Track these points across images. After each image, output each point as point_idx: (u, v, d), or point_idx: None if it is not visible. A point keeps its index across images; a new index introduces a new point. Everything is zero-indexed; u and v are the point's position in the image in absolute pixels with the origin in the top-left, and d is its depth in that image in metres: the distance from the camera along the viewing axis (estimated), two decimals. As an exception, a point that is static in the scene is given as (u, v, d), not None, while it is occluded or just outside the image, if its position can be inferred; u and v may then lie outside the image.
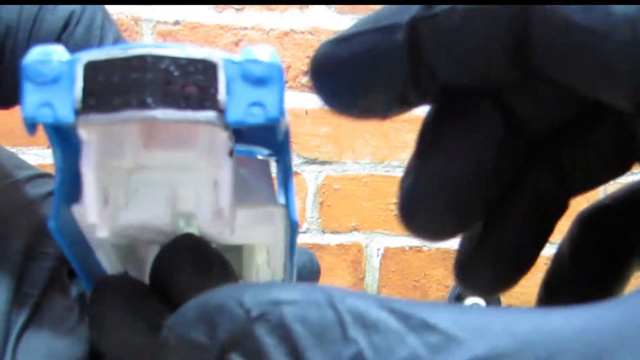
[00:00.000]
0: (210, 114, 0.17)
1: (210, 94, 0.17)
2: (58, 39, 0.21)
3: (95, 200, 0.18)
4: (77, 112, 0.17)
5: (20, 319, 0.22)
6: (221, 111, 0.17)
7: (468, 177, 0.20)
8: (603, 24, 0.16)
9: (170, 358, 0.15)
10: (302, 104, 0.85)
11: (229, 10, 0.82)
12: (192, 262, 0.20)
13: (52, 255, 0.24)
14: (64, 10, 0.21)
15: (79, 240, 0.21)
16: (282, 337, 0.13)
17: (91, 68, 0.17)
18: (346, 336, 0.13)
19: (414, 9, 0.19)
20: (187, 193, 0.21)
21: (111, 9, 0.80)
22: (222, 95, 0.17)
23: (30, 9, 0.20)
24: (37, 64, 0.17)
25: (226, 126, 0.18)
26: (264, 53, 0.18)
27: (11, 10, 0.20)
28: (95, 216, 0.18)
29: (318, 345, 0.13)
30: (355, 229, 0.86)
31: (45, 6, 0.21)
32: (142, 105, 0.17)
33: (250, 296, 0.14)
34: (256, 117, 0.18)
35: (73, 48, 0.20)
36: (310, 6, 0.84)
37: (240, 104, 0.18)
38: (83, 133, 0.17)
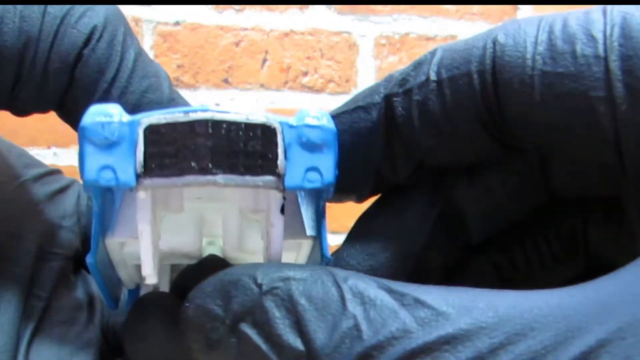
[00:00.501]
0: (269, 179, 0.17)
1: (270, 159, 0.18)
2: (79, 53, 0.21)
3: (151, 254, 0.18)
4: (139, 176, 0.17)
5: (30, 325, 0.22)
6: (280, 176, 0.18)
7: (389, 268, 0.21)
8: (572, 67, 0.17)
9: (188, 327, 0.16)
10: (302, 104, 0.86)
11: (229, 11, 0.82)
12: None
13: (62, 255, 0.23)
14: (86, 25, 0.21)
15: (103, 262, 0.21)
16: (288, 310, 0.14)
17: (152, 132, 0.17)
18: (345, 310, 0.14)
19: (389, 87, 0.20)
20: (214, 218, 0.21)
21: (111, 9, 0.80)
22: (281, 160, 0.18)
23: (52, 22, 0.20)
24: (97, 126, 0.17)
25: (283, 189, 0.18)
26: (320, 117, 0.18)
27: (32, 23, 0.20)
28: (151, 268, 0.18)
29: (320, 318, 0.14)
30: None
31: (67, 19, 0.20)
32: (203, 170, 0.17)
33: (262, 273, 0.15)
34: (313, 182, 0.18)
35: (95, 64, 0.21)
36: (310, 6, 0.84)
37: (298, 169, 0.18)
38: (141, 194, 0.17)
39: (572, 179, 0.20)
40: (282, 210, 0.18)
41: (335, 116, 0.21)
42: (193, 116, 0.17)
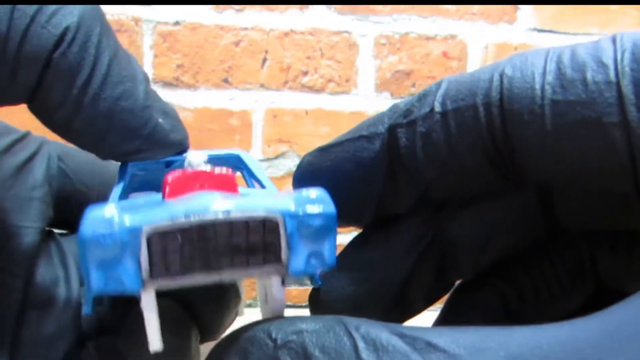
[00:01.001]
0: (273, 269, 0.18)
1: (273, 251, 0.18)
2: (49, 57, 0.20)
3: (157, 332, 0.18)
4: (144, 282, 0.17)
5: (13, 306, 0.21)
6: (283, 264, 0.18)
7: (370, 296, 0.21)
8: (584, 94, 0.16)
9: None
10: (302, 104, 0.86)
11: (229, 11, 0.82)
12: None
13: (35, 229, 0.23)
14: (57, 24, 0.19)
15: None
16: None
17: (155, 237, 0.17)
18: (359, 358, 0.14)
19: (393, 117, 0.19)
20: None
21: (111, 9, 0.80)
22: (284, 251, 0.18)
23: (21, 19, 0.19)
24: (99, 238, 0.17)
25: (286, 274, 0.18)
26: (320, 201, 0.18)
27: (0, 19, 0.19)
28: (157, 341, 0.19)
29: None
30: (355, 229, 0.86)
31: (38, 17, 0.19)
32: (208, 268, 0.17)
33: (276, 328, 0.16)
34: (315, 266, 0.18)
35: (66, 69, 0.20)
36: (310, 6, 0.84)
37: (301, 256, 0.18)
38: (147, 294, 0.18)
39: (580, 212, 0.20)
40: (283, 282, 0.19)
41: (339, 144, 0.21)
42: (194, 220, 0.17)
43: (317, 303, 0.21)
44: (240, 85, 0.84)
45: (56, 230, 0.25)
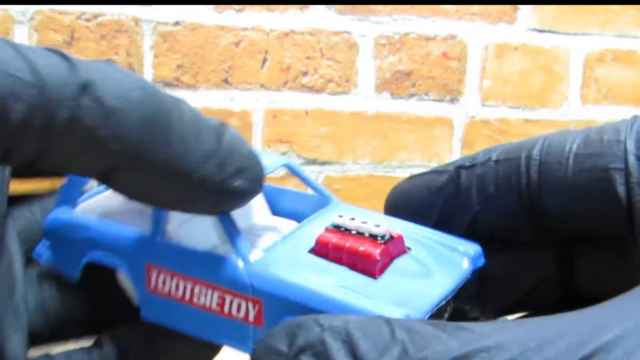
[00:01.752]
0: None
1: None
2: None
3: None
4: None
5: None
6: None
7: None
8: (599, 149, 0.22)
9: None
10: (302, 104, 0.86)
11: (229, 11, 0.82)
12: None
13: None
14: None
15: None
16: (344, 341, 0.17)
17: None
18: (394, 338, 0.17)
19: (462, 161, 0.25)
20: None
21: (111, 9, 0.80)
22: None
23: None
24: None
25: None
26: None
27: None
28: None
29: (372, 345, 0.17)
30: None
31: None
32: None
33: (324, 317, 0.18)
34: None
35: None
36: (310, 6, 0.84)
37: None
38: None
39: (594, 274, 0.24)
40: None
41: (423, 174, 0.26)
42: None
43: None
44: (240, 86, 0.84)
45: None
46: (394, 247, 0.22)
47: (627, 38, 0.92)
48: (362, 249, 0.21)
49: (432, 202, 0.25)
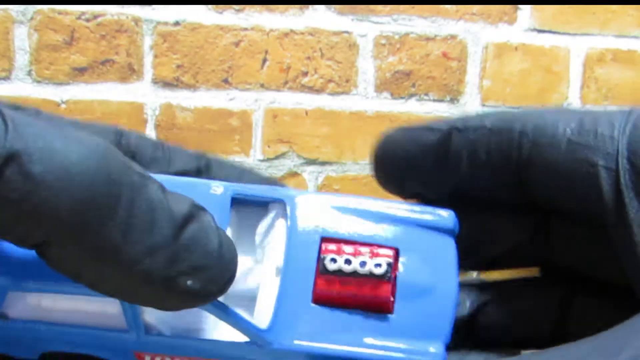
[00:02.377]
0: None
1: None
2: None
3: None
4: None
5: None
6: None
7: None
8: (593, 142, 0.22)
9: None
10: (302, 104, 0.86)
11: (229, 11, 0.82)
12: None
13: None
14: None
15: None
16: None
17: None
18: None
19: (454, 122, 0.25)
20: None
21: (111, 9, 0.80)
22: None
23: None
24: None
25: None
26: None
27: None
28: None
29: None
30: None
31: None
32: None
33: None
34: None
35: None
36: (310, 6, 0.84)
37: None
38: None
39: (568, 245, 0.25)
40: None
41: (413, 128, 0.27)
42: None
43: None
44: (241, 86, 0.84)
45: None
46: (395, 271, 0.22)
47: (627, 38, 0.92)
48: (372, 295, 0.21)
49: (421, 158, 0.26)
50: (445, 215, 0.23)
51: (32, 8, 0.79)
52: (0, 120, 0.16)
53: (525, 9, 0.89)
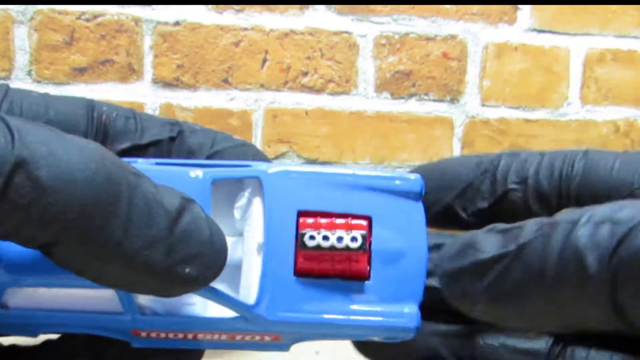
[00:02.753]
0: None
1: None
2: None
3: None
4: None
5: None
6: None
7: None
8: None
9: None
10: (302, 104, 0.86)
11: (229, 11, 0.82)
12: None
13: None
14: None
15: None
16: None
17: None
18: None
19: (503, 155, 0.27)
20: None
21: (111, 9, 0.80)
22: None
23: None
24: None
25: None
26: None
27: None
28: None
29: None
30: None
31: None
32: None
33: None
34: None
35: None
36: (310, 6, 0.84)
37: None
38: None
39: None
40: None
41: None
42: None
43: None
44: (241, 86, 0.84)
45: None
46: (369, 241, 0.23)
47: (627, 38, 0.92)
48: (350, 266, 0.22)
49: (466, 173, 0.27)
50: (412, 179, 0.24)
51: (32, 8, 0.79)
52: (6, 129, 0.17)
53: (525, 9, 0.89)
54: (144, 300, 0.23)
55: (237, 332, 0.23)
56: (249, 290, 0.22)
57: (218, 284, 0.21)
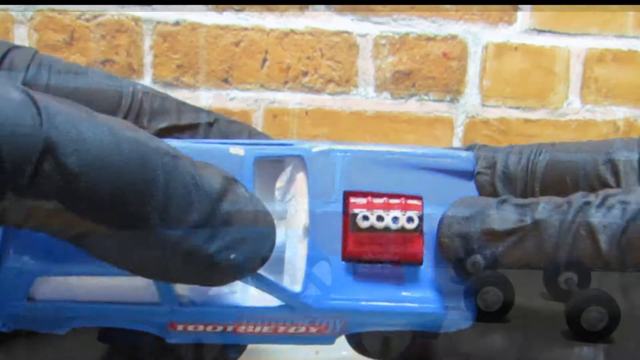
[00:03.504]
0: None
1: None
2: None
3: None
4: None
5: None
6: None
7: None
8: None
9: None
10: (302, 104, 0.85)
11: (229, 11, 0.82)
12: None
13: None
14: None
15: None
16: None
17: None
18: None
19: (475, 147, 0.27)
20: None
21: (111, 9, 0.80)
22: None
23: None
24: None
25: None
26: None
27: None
28: None
29: None
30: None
31: None
32: None
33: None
34: None
35: None
36: (310, 6, 0.84)
37: None
38: None
39: None
40: None
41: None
42: None
43: None
44: (241, 86, 0.84)
45: None
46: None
47: (627, 38, 0.92)
48: (405, 249, 0.21)
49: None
50: (464, 156, 0.22)
51: (32, 8, 0.79)
52: (35, 110, 0.16)
53: (525, 9, 0.89)
54: (182, 289, 0.21)
55: (282, 324, 0.21)
56: (294, 276, 0.21)
57: (261, 270, 0.19)
